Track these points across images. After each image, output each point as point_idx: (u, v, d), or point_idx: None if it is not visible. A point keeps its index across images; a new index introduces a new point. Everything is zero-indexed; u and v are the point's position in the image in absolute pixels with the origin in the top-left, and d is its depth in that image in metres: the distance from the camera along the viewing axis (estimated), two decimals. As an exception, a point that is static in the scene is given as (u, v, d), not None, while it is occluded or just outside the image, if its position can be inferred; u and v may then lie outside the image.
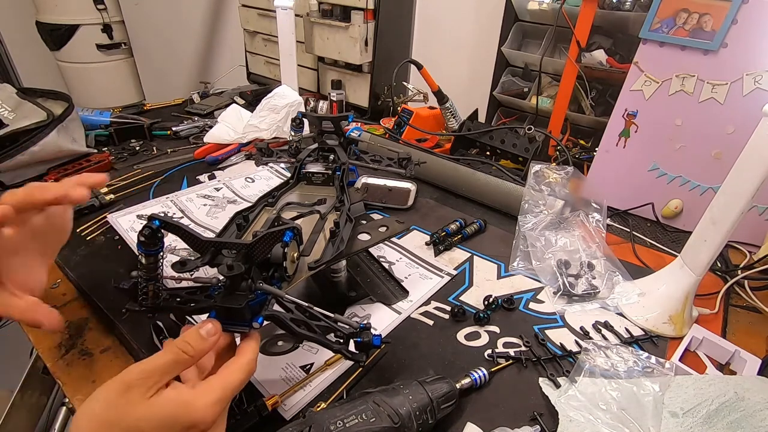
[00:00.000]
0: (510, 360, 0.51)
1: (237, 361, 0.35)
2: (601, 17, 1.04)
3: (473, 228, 0.73)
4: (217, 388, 0.33)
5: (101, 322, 0.55)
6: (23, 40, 2.09)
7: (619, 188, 0.83)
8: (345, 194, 0.58)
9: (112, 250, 0.66)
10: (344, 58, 1.21)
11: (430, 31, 1.65)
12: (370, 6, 1.11)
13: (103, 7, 1.88)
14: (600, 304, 0.61)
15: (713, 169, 0.73)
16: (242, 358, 0.35)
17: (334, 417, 0.37)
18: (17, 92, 0.88)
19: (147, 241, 0.36)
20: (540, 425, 0.43)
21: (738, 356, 0.52)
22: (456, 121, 1.08)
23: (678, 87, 0.72)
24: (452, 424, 0.44)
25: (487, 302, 0.58)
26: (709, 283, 0.64)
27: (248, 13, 1.40)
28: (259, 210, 0.55)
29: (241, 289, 0.37)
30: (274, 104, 0.97)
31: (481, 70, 1.47)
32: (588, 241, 0.69)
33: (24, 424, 0.69)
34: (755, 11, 0.63)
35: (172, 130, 1.04)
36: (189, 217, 0.74)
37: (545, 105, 1.20)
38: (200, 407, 0.31)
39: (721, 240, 0.52)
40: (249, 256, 0.39)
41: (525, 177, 0.81)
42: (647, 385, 0.46)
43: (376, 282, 0.62)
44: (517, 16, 1.26)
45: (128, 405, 0.30)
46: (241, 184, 0.85)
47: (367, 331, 0.42)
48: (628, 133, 0.79)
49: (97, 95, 2.02)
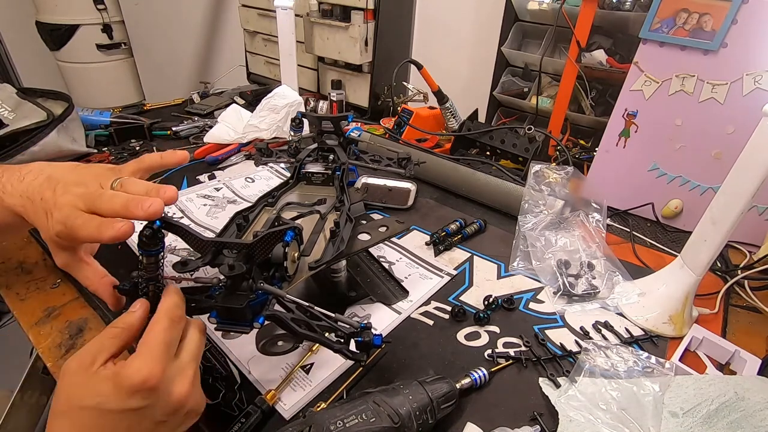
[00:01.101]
0: (510, 360, 0.51)
1: (153, 316, 0.36)
2: (601, 17, 1.05)
3: (473, 228, 0.73)
4: (142, 347, 0.33)
5: (101, 322, 0.55)
6: (23, 40, 2.09)
7: (619, 188, 0.83)
8: (345, 194, 0.58)
9: (112, 250, 0.66)
10: (344, 58, 1.21)
11: (430, 31, 1.65)
12: (370, 6, 1.11)
13: (103, 7, 1.88)
14: (600, 304, 0.61)
15: (713, 169, 0.73)
16: (158, 312, 0.36)
17: (334, 417, 0.37)
18: (17, 92, 0.87)
19: (148, 242, 0.36)
20: (540, 425, 0.43)
21: (738, 356, 0.53)
22: (456, 121, 1.08)
23: (678, 87, 0.72)
24: (452, 424, 0.44)
25: (487, 302, 0.58)
26: (709, 283, 0.64)
27: (248, 13, 1.40)
28: (259, 210, 0.55)
29: (242, 289, 0.37)
30: (274, 104, 0.97)
31: (481, 70, 1.47)
32: (588, 241, 0.69)
33: (24, 424, 0.69)
34: (755, 11, 0.63)
35: (172, 130, 1.04)
36: (189, 217, 0.75)
37: (545, 105, 1.20)
38: (133, 369, 0.32)
39: (721, 240, 0.52)
40: (250, 255, 0.39)
41: (525, 177, 0.81)
42: (647, 385, 0.46)
43: (376, 282, 0.62)
44: (517, 16, 1.26)
45: (78, 386, 0.32)
46: (241, 184, 0.85)
47: (368, 331, 0.42)
48: (628, 133, 0.79)
49: (97, 95, 2.02)
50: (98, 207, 0.38)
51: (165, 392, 0.33)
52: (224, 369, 0.48)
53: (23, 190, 0.42)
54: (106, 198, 0.37)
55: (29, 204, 0.42)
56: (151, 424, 0.33)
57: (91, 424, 0.32)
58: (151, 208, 0.36)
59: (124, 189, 0.39)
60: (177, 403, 0.34)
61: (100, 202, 0.38)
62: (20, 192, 0.43)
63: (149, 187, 0.39)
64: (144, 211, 0.36)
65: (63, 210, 0.38)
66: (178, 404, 0.34)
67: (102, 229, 0.36)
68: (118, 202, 0.37)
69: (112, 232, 0.36)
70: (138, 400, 0.32)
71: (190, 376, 0.35)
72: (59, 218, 0.38)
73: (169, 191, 0.38)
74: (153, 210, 0.36)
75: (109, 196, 0.38)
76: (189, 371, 0.35)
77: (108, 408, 0.31)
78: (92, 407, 0.32)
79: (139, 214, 0.36)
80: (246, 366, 0.48)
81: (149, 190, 0.38)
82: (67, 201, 0.39)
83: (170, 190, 0.38)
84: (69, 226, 0.38)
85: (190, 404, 0.35)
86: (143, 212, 0.36)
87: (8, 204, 0.43)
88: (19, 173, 0.44)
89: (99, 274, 0.43)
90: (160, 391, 0.33)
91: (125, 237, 0.36)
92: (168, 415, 0.34)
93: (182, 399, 0.34)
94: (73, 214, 0.38)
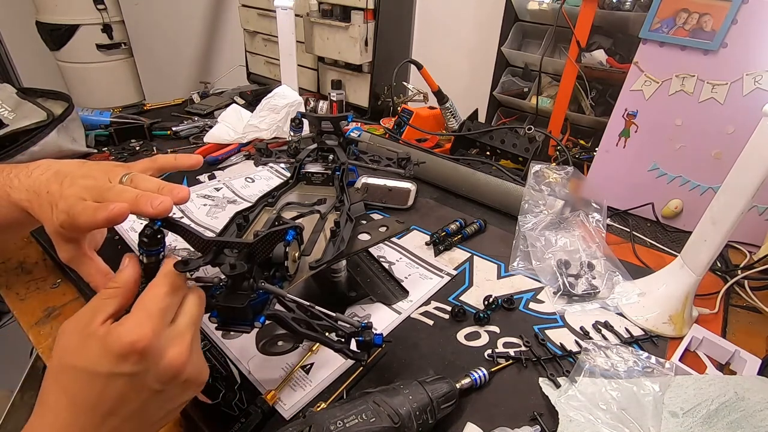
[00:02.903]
0: (510, 360, 0.51)
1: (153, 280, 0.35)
2: (601, 17, 1.05)
3: (473, 228, 0.73)
4: (136, 308, 0.32)
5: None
6: (23, 40, 2.09)
7: (619, 188, 0.83)
8: (345, 194, 0.58)
9: (112, 251, 0.66)
10: (344, 58, 1.21)
11: (430, 31, 1.65)
12: (370, 6, 1.11)
13: (103, 7, 1.88)
14: (600, 304, 0.61)
15: (713, 169, 0.73)
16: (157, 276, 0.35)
17: (334, 417, 0.37)
18: (17, 92, 0.87)
19: (148, 241, 0.36)
20: (540, 425, 0.43)
21: (738, 356, 0.53)
22: (456, 121, 1.08)
23: (678, 87, 0.72)
24: (452, 424, 0.44)
25: (487, 302, 0.58)
26: (709, 283, 0.64)
27: (248, 13, 1.40)
28: (259, 210, 0.55)
29: (243, 288, 0.37)
30: (274, 104, 0.97)
31: (481, 70, 1.47)
32: (588, 241, 0.69)
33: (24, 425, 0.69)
34: (755, 11, 0.63)
35: (172, 130, 1.04)
36: (189, 217, 0.75)
37: (545, 105, 1.20)
38: (123, 330, 0.31)
39: (721, 240, 0.52)
40: (251, 255, 0.39)
41: (525, 177, 0.81)
42: (647, 385, 0.46)
43: (376, 282, 0.62)
44: (517, 16, 1.26)
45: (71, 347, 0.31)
46: (241, 184, 0.85)
47: (369, 330, 0.42)
48: (628, 133, 0.79)
49: (97, 95, 2.02)
50: (106, 200, 0.37)
51: (158, 357, 0.31)
52: (224, 369, 0.48)
53: (30, 185, 0.42)
54: (115, 192, 0.37)
55: (35, 198, 0.41)
56: (145, 394, 0.32)
57: (79, 388, 0.30)
58: (161, 205, 0.35)
59: (134, 185, 0.39)
60: (172, 369, 0.32)
61: (108, 196, 0.37)
62: (27, 186, 0.42)
63: (161, 185, 0.38)
64: (154, 208, 0.35)
65: (68, 200, 0.38)
66: (173, 370, 0.32)
67: (97, 212, 0.36)
68: (128, 197, 0.36)
69: (105, 213, 0.35)
70: (129, 365, 0.30)
71: (187, 341, 0.33)
72: (63, 208, 0.38)
73: (182, 191, 0.37)
74: (162, 208, 0.35)
75: (119, 190, 0.37)
76: (186, 336, 0.34)
77: (97, 371, 0.30)
78: (82, 369, 0.30)
79: (148, 211, 0.35)
80: (246, 366, 0.48)
81: (161, 187, 0.38)
82: (72, 192, 0.38)
83: (183, 190, 0.37)
84: (71, 214, 0.37)
85: (188, 372, 0.33)
86: (153, 209, 0.35)
87: (15, 199, 0.43)
88: (27, 169, 0.44)
89: (102, 271, 0.43)
90: (152, 355, 0.31)
91: (118, 219, 0.35)
92: (163, 384, 0.32)
93: (178, 365, 0.32)
94: (77, 204, 0.37)
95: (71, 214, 0.37)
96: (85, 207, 0.37)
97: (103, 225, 0.36)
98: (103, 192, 0.38)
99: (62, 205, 0.38)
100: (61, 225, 0.39)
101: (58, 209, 0.39)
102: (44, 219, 0.41)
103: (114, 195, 0.37)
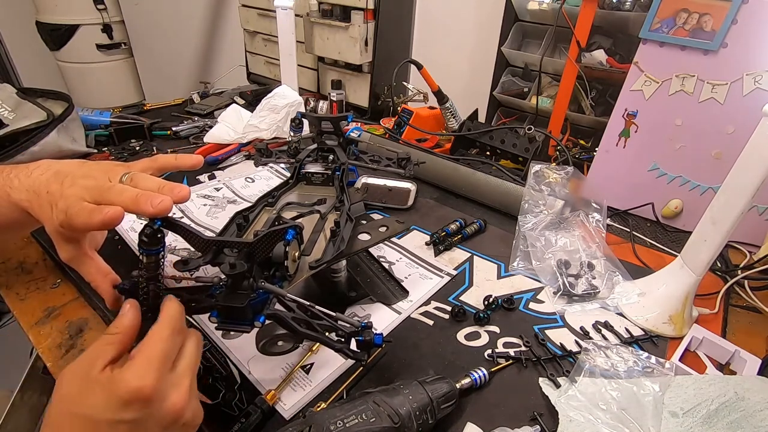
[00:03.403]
0: (510, 360, 0.51)
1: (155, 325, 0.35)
2: (601, 17, 1.05)
3: (473, 228, 0.73)
4: (139, 355, 0.32)
5: (101, 322, 0.55)
6: (23, 40, 2.09)
7: (619, 188, 0.83)
8: (345, 194, 0.58)
9: (112, 250, 0.66)
10: (344, 58, 1.21)
11: (430, 31, 1.65)
12: (370, 6, 1.11)
13: (103, 7, 1.88)
14: (600, 304, 0.61)
15: (713, 169, 0.73)
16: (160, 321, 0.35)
17: (334, 417, 0.37)
18: (17, 92, 0.87)
19: (148, 241, 0.36)
20: (540, 425, 0.43)
21: (738, 356, 0.53)
22: (456, 121, 1.08)
23: (678, 87, 0.72)
24: (452, 424, 0.44)
25: (487, 302, 0.58)
26: (709, 283, 0.64)
27: (248, 13, 1.40)
28: (259, 210, 0.55)
29: (242, 288, 0.37)
30: (274, 104, 0.97)
31: (481, 70, 1.47)
32: (588, 241, 0.69)
33: (24, 424, 0.69)
34: (755, 11, 0.63)
35: (172, 130, 1.04)
36: (189, 217, 0.75)
37: (545, 105, 1.20)
38: (127, 377, 0.30)
39: (721, 240, 0.52)
40: (251, 255, 0.39)
41: (525, 177, 0.81)
42: (647, 385, 0.46)
43: (376, 282, 0.62)
44: (517, 16, 1.27)
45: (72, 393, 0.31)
46: (241, 184, 0.85)
47: (369, 330, 0.42)
48: (628, 133, 0.79)
49: (97, 95, 2.02)
50: (106, 200, 0.37)
51: (160, 404, 0.32)
52: (224, 369, 0.48)
53: (30, 185, 0.42)
54: (115, 191, 0.37)
55: (35, 198, 0.41)
56: None
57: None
58: (161, 204, 0.35)
59: (134, 184, 0.39)
60: (173, 413, 0.32)
61: (108, 195, 0.37)
62: (27, 186, 0.42)
63: (161, 184, 0.38)
64: (154, 207, 0.35)
65: (68, 200, 0.38)
66: (174, 415, 0.33)
67: (93, 215, 0.35)
68: (128, 196, 0.36)
69: (100, 216, 0.35)
70: (132, 412, 0.30)
71: (186, 385, 0.34)
72: (62, 207, 0.38)
73: (182, 191, 0.37)
74: (162, 207, 0.35)
75: (119, 189, 0.37)
76: (186, 380, 0.34)
77: (100, 418, 0.30)
78: (84, 416, 0.30)
79: (148, 210, 0.35)
80: (246, 366, 0.48)
81: (161, 186, 0.38)
82: (73, 192, 0.38)
83: (183, 189, 0.37)
84: (69, 214, 0.37)
85: (186, 416, 0.33)
86: (153, 208, 0.35)
87: (15, 199, 0.43)
88: (27, 169, 0.44)
89: (102, 270, 0.43)
90: (155, 402, 0.31)
91: (113, 222, 0.35)
92: (164, 428, 0.32)
93: (178, 409, 0.33)
94: (75, 204, 0.37)
95: (69, 215, 0.37)
96: (81, 208, 0.37)
97: (98, 228, 0.36)
98: (103, 192, 0.37)
99: (62, 205, 0.38)
100: (61, 224, 0.39)
101: (57, 209, 0.39)
102: (44, 219, 0.41)
103: (114, 194, 0.37)
